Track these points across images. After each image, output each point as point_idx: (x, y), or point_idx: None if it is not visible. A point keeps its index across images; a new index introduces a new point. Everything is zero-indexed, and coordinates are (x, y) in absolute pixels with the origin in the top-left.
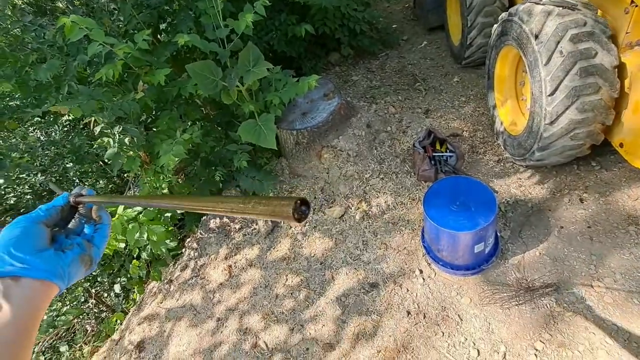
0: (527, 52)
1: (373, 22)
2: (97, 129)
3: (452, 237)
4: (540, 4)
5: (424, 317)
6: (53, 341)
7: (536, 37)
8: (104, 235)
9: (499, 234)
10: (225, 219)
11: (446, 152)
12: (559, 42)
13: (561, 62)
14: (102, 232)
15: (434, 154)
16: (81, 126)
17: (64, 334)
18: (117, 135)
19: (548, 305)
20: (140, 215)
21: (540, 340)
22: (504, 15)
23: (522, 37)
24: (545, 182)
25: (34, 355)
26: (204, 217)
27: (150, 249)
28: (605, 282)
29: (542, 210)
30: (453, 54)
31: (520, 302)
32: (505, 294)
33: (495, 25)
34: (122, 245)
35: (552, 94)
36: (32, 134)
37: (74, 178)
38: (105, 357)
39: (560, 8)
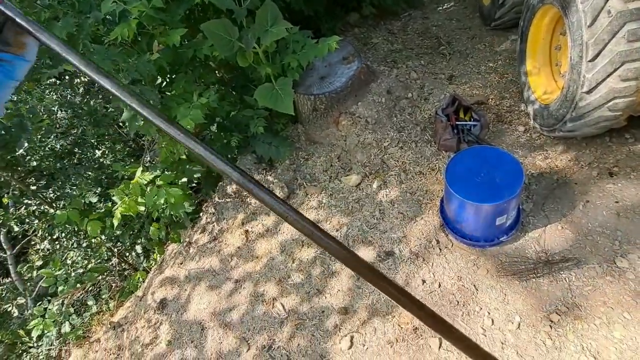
0: (569, 12)
1: None
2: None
3: (473, 209)
4: None
5: (439, 285)
6: (81, 295)
7: None
8: (12, 72)
9: (521, 206)
10: None
11: (470, 120)
12: (607, 1)
13: (608, 23)
14: (13, 67)
15: (457, 122)
16: (96, 88)
17: (90, 289)
18: None
19: (567, 279)
20: (158, 179)
21: (557, 312)
22: None
23: None
24: (574, 154)
25: (64, 307)
26: (221, 182)
27: (169, 212)
28: (629, 258)
29: (567, 183)
30: (482, 15)
31: (539, 275)
32: (523, 267)
33: None
34: (142, 208)
35: (593, 59)
36: (47, 96)
37: (92, 140)
38: (130, 311)
39: None
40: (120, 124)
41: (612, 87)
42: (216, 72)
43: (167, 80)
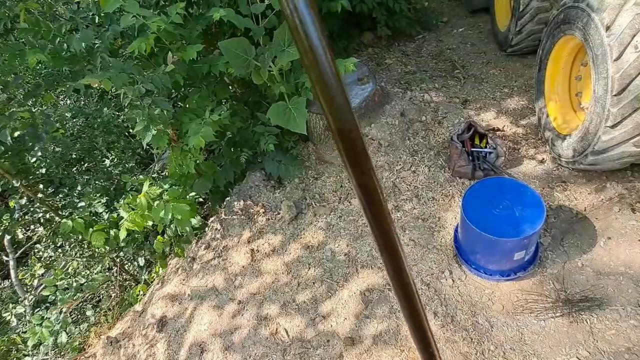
0: (593, 45)
1: (412, 1)
2: (126, 102)
3: (491, 243)
4: None
5: (452, 320)
6: (80, 304)
7: (607, 28)
8: None
9: (539, 240)
10: (249, 201)
11: (486, 147)
12: (634, 36)
13: (635, 58)
14: None
15: (472, 149)
16: (109, 97)
17: (89, 297)
18: (146, 108)
19: (588, 320)
20: (165, 194)
21: (577, 357)
22: (567, 0)
23: (589, 27)
24: (594, 187)
25: (62, 315)
26: (228, 198)
27: (175, 227)
28: None
29: (587, 218)
30: (497, 41)
31: (557, 314)
32: (541, 305)
33: (554, 11)
34: (149, 223)
35: (619, 93)
36: (61, 101)
37: (102, 148)
38: (128, 327)
39: None
40: (131, 131)
41: (638, 122)
42: (230, 86)
43: (181, 94)
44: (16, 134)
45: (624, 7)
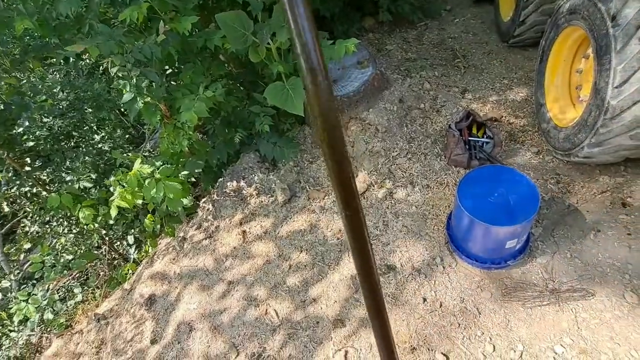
0: (598, 36)
1: None
2: (113, 71)
3: (485, 230)
4: None
5: (441, 305)
6: (67, 281)
7: (613, 18)
8: None
9: (530, 230)
10: (242, 183)
11: (483, 137)
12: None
13: (639, 50)
14: None
15: (469, 138)
16: (101, 71)
17: (77, 275)
18: (134, 79)
19: (574, 309)
20: (157, 172)
21: (561, 344)
22: None
23: (595, 17)
24: (587, 180)
25: (48, 292)
26: (221, 179)
27: (166, 206)
28: (639, 293)
29: (579, 210)
30: (500, 31)
31: (544, 303)
32: (528, 293)
33: (559, 1)
34: (139, 201)
35: (620, 85)
36: (50, 75)
37: (92, 124)
38: (116, 304)
39: None
40: (123, 110)
41: (636, 115)
42: (225, 65)
43: (175, 69)
44: (1, 104)
45: None
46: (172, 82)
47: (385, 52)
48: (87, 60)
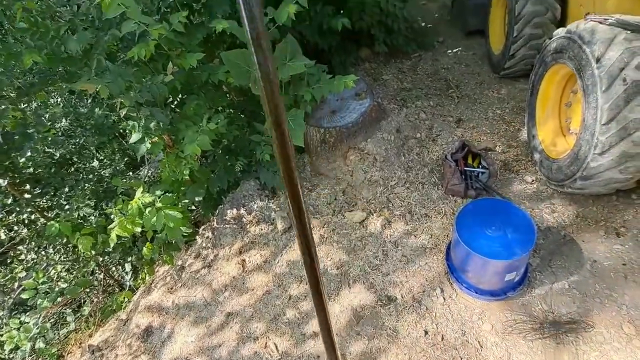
0: (584, 75)
1: (409, 21)
2: (123, 112)
3: (483, 263)
4: (604, 23)
5: (442, 338)
6: (60, 308)
7: (598, 60)
8: None
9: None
10: (242, 210)
11: (478, 167)
12: (623, 69)
13: (623, 90)
14: None
15: (465, 168)
16: (102, 98)
17: (69, 302)
18: (142, 120)
19: (574, 342)
20: (158, 201)
21: None
22: (560, 31)
23: (581, 58)
24: (581, 210)
25: (40, 319)
26: (221, 206)
27: (166, 233)
28: (636, 324)
29: (575, 240)
30: (491, 63)
31: (545, 335)
32: (529, 325)
33: (548, 40)
34: (139, 229)
35: (607, 123)
36: (52, 99)
37: (92, 149)
38: (111, 335)
39: (628, 31)
40: (122, 132)
41: (624, 151)
42: (227, 95)
43: (178, 100)
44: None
45: (614, 41)
46: (175, 111)
47: (382, 82)
48: (92, 94)
